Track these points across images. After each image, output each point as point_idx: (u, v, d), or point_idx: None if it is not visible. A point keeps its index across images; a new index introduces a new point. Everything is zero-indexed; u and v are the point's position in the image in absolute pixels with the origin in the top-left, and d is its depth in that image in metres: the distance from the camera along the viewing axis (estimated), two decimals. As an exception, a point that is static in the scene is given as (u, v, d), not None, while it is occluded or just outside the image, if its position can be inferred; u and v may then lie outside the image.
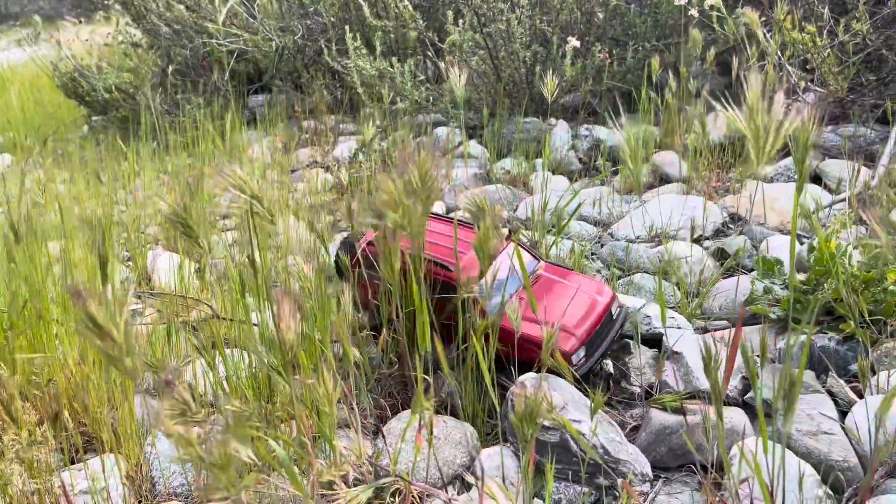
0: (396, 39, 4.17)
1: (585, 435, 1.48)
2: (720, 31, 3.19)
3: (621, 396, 1.80)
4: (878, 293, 1.86)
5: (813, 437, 1.48)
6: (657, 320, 1.98)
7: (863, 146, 2.87)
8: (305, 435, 1.43)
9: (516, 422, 1.16)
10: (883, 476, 1.43)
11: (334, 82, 4.09)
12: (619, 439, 1.52)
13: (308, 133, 4.04)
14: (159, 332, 1.89)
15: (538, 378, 1.60)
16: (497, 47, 3.57)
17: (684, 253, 2.35)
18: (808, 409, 1.55)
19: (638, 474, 1.48)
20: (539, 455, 1.50)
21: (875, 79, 2.99)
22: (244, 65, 4.61)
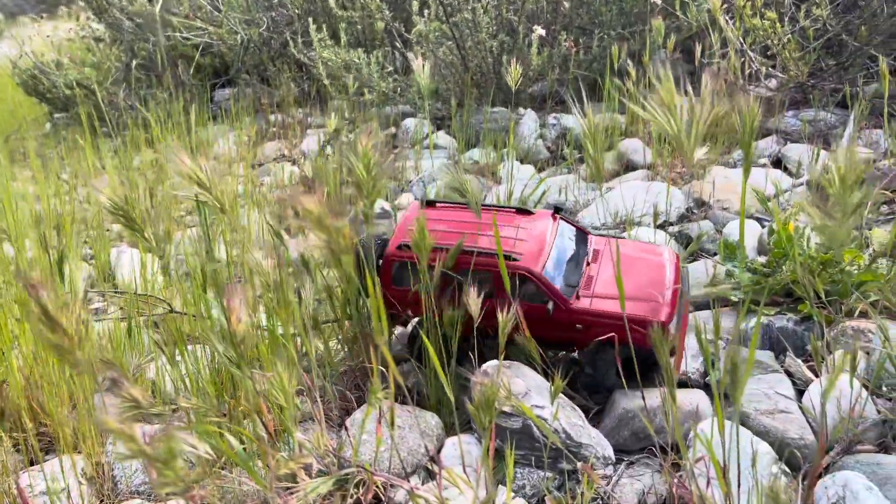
0: (363, 30, 4.14)
1: (547, 420, 1.48)
2: (683, 18, 3.21)
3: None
4: (835, 274, 1.89)
5: (770, 415, 1.50)
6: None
7: (823, 130, 2.91)
8: (268, 428, 1.42)
9: (473, 410, 1.16)
10: (839, 453, 1.46)
11: (301, 75, 4.06)
12: (581, 424, 1.53)
13: (276, 126, 4.00)
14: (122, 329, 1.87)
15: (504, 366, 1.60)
16: (464, 37, 3.56)
17: (648, 238, 2.37)
18: (765, 389, 1.57)
19: (600, 458, 1.50)
20: (502, 442, 1.51)
21: (835, 63, 3.04)
22: (210, 58, 4.55)
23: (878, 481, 1.34)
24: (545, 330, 1.64)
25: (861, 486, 1.29)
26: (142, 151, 3.50)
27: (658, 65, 1.07)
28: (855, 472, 1.36)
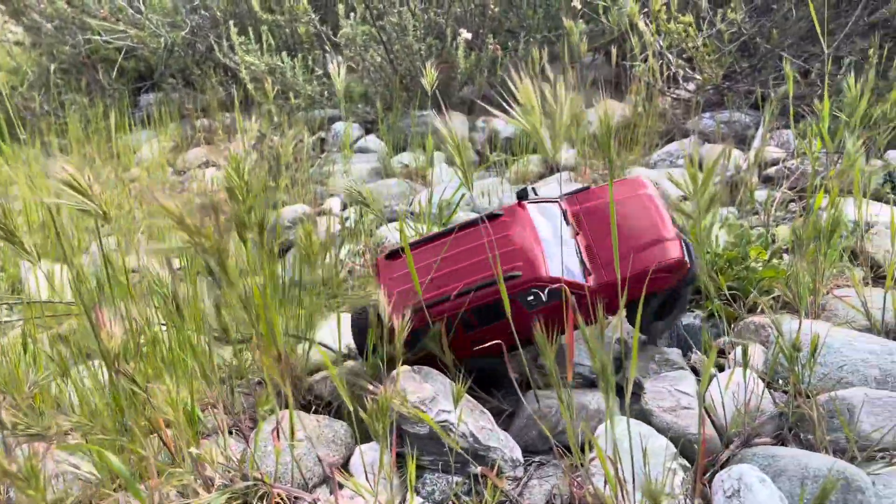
0: (292, 34, 4.09)
1: (453, 424, 1.48)
2: (605, 22, 3.27)
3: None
4: (741, 271, 1.94)
5: (672, 412, 1.53)
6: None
7: (738, 131, 3.00)
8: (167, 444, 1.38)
9: (367, 418, 1.15)
10: (738, 446, 1.50)
11: (228, 79, 3.98)
12: (489, 426, 1.53)
13: (202, 132, 3.91)
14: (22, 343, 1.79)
15: (413, 371, 1.59)
16: (391, 41, 3.55)
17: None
18: (670, 386, 1.60)
19: (508, 460, 1.50)
20: (411, 448, 1.50)
21: (748, 66, 3.13)
22: (134, 62, 4.43)
23: (773, 473, 1.38)
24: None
25: (755, 479, 1.32)
26: (57, 159, 3.37)
27: (582, 68, 1.08)
28: (751, 465, 1.40)
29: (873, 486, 1.36)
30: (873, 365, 1.56)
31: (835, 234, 1.85)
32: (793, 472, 1.36)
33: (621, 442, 1.43)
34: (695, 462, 1.48)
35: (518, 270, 1.59)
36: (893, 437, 1.43)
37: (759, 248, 1.97)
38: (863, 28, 3.00)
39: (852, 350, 1.58)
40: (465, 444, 1.48)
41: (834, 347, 1.60)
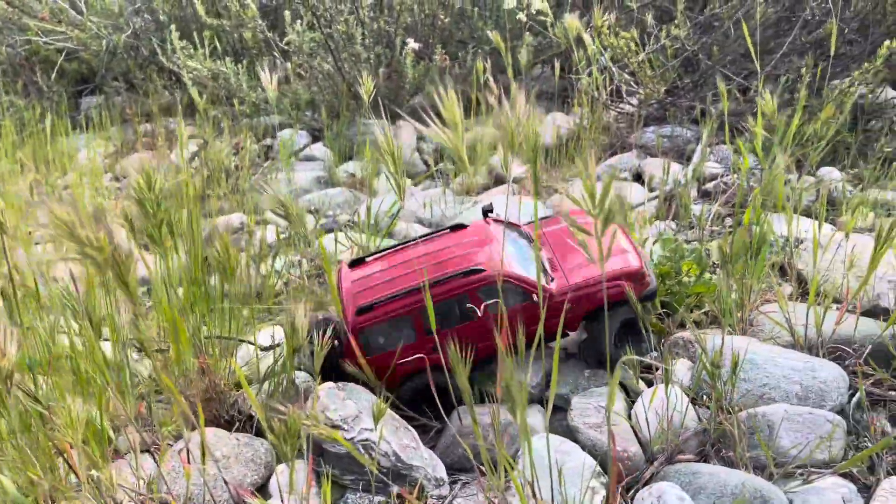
0: (240, 39, 4.02)
1: (374, 443, 1.45)
2: (552, 36, 3.29)
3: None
4: (673, 286, 1.96)
5: (598, 429, 1.53)
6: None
7: (680, 146, 3.04)
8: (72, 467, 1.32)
9: (274, 440, 1.12)
10: (662, 462, 1.50)
11: (172, 83, 3.89)
12: (413, 445, 1.51)
13: (145, 137, 3.82)
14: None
15: (338, 388, 1.56)
16: (339, 48, 3.52)
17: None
18: (597, 402, 1.60)
19: (431, 479, 1.48)
20: (331, 467, 1.46)
21: (690, 82, 3.18)
22: (76, 64, 4.31)
23: (693, 491, 1.38)
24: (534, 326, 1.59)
25: (674, 497, 1.32)
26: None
27: (528, 81, 1.07)
28: (672, 482, 1.40)
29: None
30: (795, 381, 1.58)
31: (762, 249, 1.87)
32: (712, 489, 1.36)
33: (542, 460, 1.42)
34: (618, 480, 1.47)
35: (483, 266, 1.60)
36: (812, 453, 1.45)
37: (691, 263, 1.98)
38: (800, 48, 3.07)
39: (775, 366, 1.60)
40: (388, 463, 1.45)
41: (757, 363, 1.61)
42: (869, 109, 2.79)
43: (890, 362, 1.64)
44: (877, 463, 1.46)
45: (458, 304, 1.60)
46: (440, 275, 1.60)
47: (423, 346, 1.62)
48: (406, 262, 1.69)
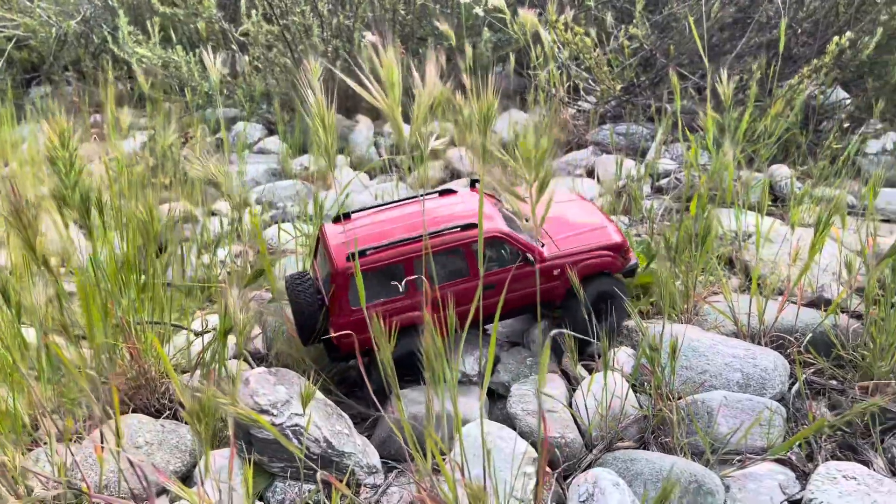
0: (198, 30, 3.94)
1: (302, 428, 1.40)
2: (510, 32, 3.28)
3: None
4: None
5: (536, 415, 1.49)
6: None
7: (636, 143, 3.04)
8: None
9: (188, 418, 1.06)
10: (601, 450, 1.47)
11: (124, 73, 3.79)
12: (346, 431, 1.46)
13: (95, 127, 3.71)
14: None
15: (269, 373, 1.50)
16: (295, 40, 3.46)
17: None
18: (530, 388, 1.56)
19: (364, 466, 1.43)
20: (260, 454, 1.41)
21: (647, 80, 3.19)
22: (25, 53, 4.18)
23: (631, 477, 1.35)
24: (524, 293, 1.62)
25: (609, 483, 1.29)
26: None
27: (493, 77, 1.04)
28: (608, 469, 1.37)
29: (727, 490, 1.35)
30: (736, 369, 1.56)
31: (707, 240, 1.86)
32: (648, 475, 1.34)
33: (476, 447, 1.38)
34: (557, 466, 1.44)
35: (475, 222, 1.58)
36: (749, 439, 1.43)
37: (639, 254, 1.97)
38: (755, 48, 3.10)
39: (716, 354, 1.59)
40: (318, 450, 1.40)
41: (700, 351, 1.60)
42: (820, 110, 2.82)
43: (830, 351, 1.64)
44: (815, 450, 1.45)
45: (452, 259, 1.57)
46: (435, 228, 1.55)
47: (412, 301, 1.55)
48: (395, 218, 1.65)
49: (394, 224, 1.62)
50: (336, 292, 1.53)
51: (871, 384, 1.52)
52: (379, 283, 1.54)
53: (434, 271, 1.55)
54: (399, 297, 1.55)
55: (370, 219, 1.68)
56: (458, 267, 1.58)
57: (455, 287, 1.56)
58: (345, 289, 1.53)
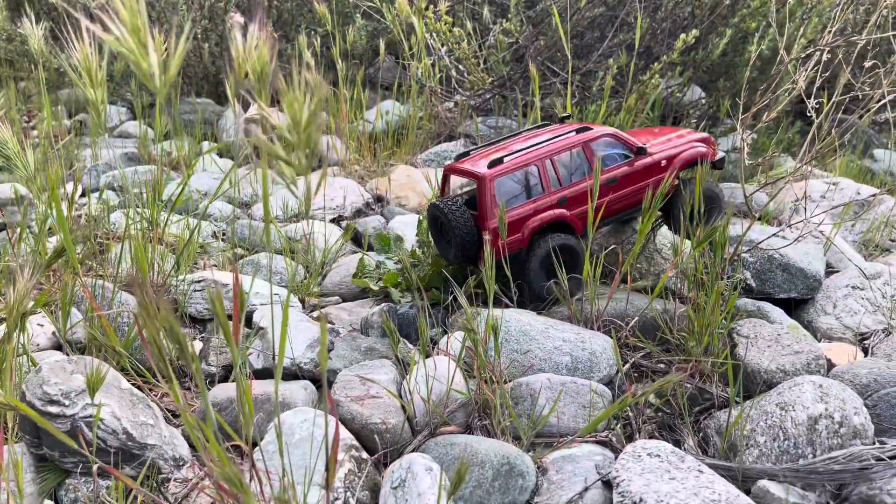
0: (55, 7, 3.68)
1: (106, 420, 1.29)
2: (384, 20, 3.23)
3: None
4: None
5: (359, 402, 1.44)
6: (257, 297, 1.88)
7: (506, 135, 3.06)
8: None
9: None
10: (426, 435, 1.44)
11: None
12: (152, 422, 1.36)
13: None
14: None
15: (67, 361, 1.38)
16: (160, 19, 3.29)
17: (320, 232, 2.29)
18: (365, 374, 1.52)
19: (169, 458, 1.34)
20: (50, 449, 1.29)
21: (517, 74, 3.22)
22: None
23: (449, 462, 1.32)
24: (641, 186, 1.79)
25: (421, 468, 1.26)
26: None
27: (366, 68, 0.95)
28: (429, 454, 1.34)
29: (544, 472, 1.34)
30: (566, 352, 1.57)
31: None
32: (465, 458, 1.31)
33: (291, 435, 1.32)
34: (374, 453, 1.40)
35: (590, 126, 1.81)
36: (572, 420, 1.44)
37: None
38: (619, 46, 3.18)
39: (547, 338, 1.59)
40: (116, 442, 1.29)
41: (531, 335, 1.59)
42: (677, 108, 2.92)
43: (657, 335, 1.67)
44: (634, 430, 1.47)
45: (576, 157, 1.76)
46: (556, 133, 1.77)
47: (550, 200, 1.73)
48: (510, 144, 1.83)
49: (520, 143, 1.79)
50: (483, 199, 1.68)
51: (688, 366, 1.56)
52: (518, 186, 1.72)
53: (564, 166, 1.75)
54: (539, 197, 1.73)
55: (487, 150, 1.85)
56: (582, 168, 1.77)
57: (581, 185, 1.75)
58: (491, 193, 1.68)
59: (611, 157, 1.79)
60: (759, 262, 1.84)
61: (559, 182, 1.74)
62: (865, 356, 1.67)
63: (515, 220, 1.70)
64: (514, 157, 1.71)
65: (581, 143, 1.76)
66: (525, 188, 1.72)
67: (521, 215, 1.71)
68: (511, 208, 1.70)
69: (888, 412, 1.36)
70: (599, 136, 1.78)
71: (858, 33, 2.95)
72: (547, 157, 1.73)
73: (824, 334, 1.78)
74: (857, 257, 2.10)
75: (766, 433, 1.31)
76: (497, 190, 1.68)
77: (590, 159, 1.76)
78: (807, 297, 1.85)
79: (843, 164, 2.68)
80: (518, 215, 1.70)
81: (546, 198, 1.73)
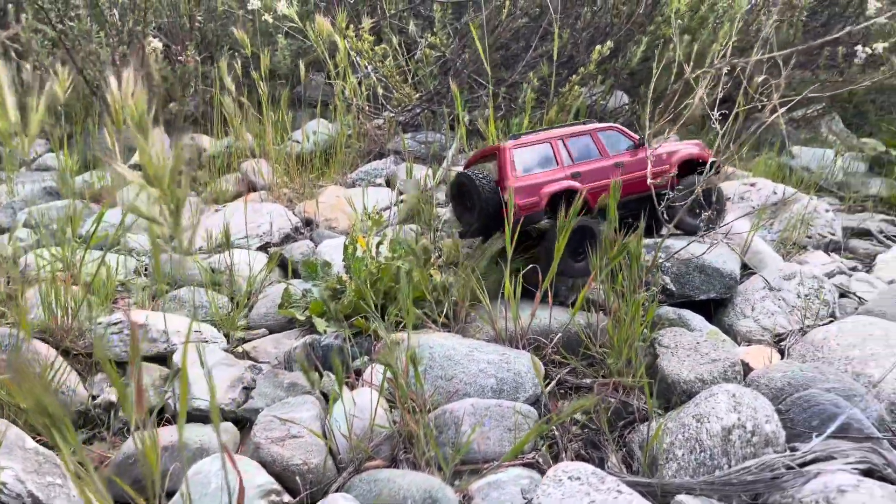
0: (-34, 35, 3.53)
1: (9, 485, 1.23)
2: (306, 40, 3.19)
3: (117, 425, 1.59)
4: (395, 287, 1.90)
5: (280, 443, 1.41)
6: (177, 336, 1.82)
7: (437, 151, 3.05)
8: None
9: None
10: (351, 473, 1.41)
11: None
12: (60, 482, 1.30)
13: None
14: None
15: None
16: (76, 47, 3.19)
17: (244, 261, 2.24)
18: (285, 413, 1.49)
19: (80, 519, 1.28)
20: (-51, 519, 1.22)
21: (445, 88, 3.22)
22: None
23: (372, 499, 1.30)
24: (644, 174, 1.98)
25: (343, 508, 1.23)
26: None
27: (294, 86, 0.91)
28: (354, 492, 1.32)
29: (469, 500, 1.33)
30: (490, 374, 1.56)
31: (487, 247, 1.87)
32: (387, 494, 1.29)
33: (207, 485, 1.28)
34: (298, 493, 1.37)
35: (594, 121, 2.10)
36: (497, 445, 1.43)
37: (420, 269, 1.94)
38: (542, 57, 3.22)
39: (471, 361, 1.58)
40: (20, 507, 1.24)
41: (455, 360, 1.59)
42: (602, 114, 2.96)
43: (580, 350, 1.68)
44: (561, 449, 1.48)
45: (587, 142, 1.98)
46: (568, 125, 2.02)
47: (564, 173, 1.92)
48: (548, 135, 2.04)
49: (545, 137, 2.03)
50: (503, 164, 1.89)
51: (611, 381, 1.57)
52: (535, 159, 1.92)
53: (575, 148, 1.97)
54: (555, 170, 1.92)
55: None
56: (591, 152, 1.98)
57: (591, 164, 1.95)
58: (511, 159, 1.89)
59: (619, 144, 2.02)
60: (677, 266, 1.87)
61: (571, 160, 1.95)
62: (782, 358, 1.71)
63: (533, 184, 1.88)
64: (529, 136, 1.96)
65: (589, 131, 1.99)
66: (541, 162, 1.93)
67: (538, 182, 1.88)
68: (528, 174, 1.90)
69: (801, 416, 1.39)
70: (606, 127, 2.01)
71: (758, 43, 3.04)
72: (559, 139, 1.96)
73: (744, 337, 1.82)
74: (775, 257, 2.15)
75: (683, 446, 1.33)
76: (516, 158, 1.90)
77: (598, 144, 1.99)
78: (725, 296, 1.89)
79: (761, 163, 2.76)
80: (535, 181, 1.88)
81: (561, 171, 1.92)
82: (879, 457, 1.25)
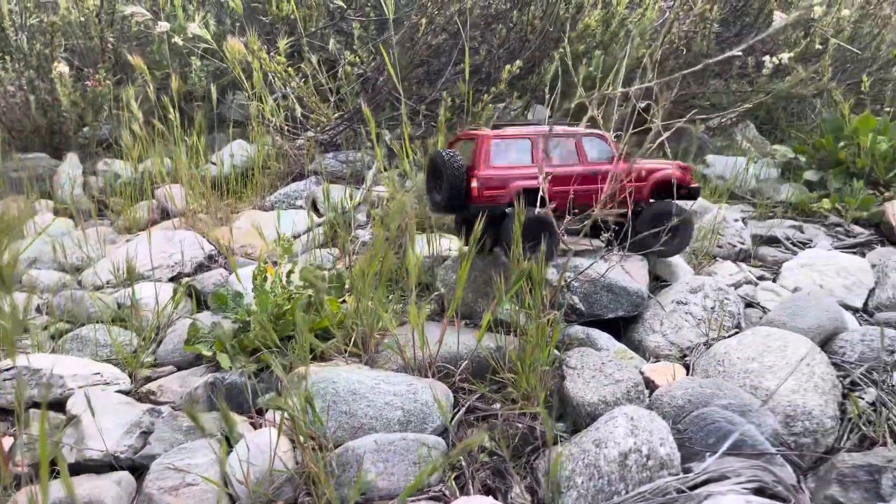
0: None
1: None
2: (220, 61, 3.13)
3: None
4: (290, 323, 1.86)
5: (174, 493, 1.36)
6: (75, 380, 1.74)
7: (360, 170, 3.02)
8: None
9: None
10: (254, 517, 1.37)
11: None
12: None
13: None
14: None
15: None
16: (-23, 73, 3.05)
17: (150, 295, 2.17)
18: (180, 460, 1.43)
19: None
20: None
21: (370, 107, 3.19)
22: None
23: (270, 545, 1.26)
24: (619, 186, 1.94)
25: (235, 560, 1.19)
26: None
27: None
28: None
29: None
30: (397, 407, 1.54)
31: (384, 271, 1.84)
32: (283, 542, 1.25)
33: (90, 543, 1.22)
34: (190, 548, 1.31)
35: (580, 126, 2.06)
36: (403, 480, 1.40)
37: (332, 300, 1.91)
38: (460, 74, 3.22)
39: (377, 394, 1.55)
40: None
41: (360, 393, 1.55)
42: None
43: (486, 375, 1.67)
44: (468, 479, 1.46)
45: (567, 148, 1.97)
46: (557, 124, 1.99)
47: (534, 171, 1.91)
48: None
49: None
50: (480, 152, 1.90)
51: (517, 406, 1.56)
52: (512, 152, 1.93)
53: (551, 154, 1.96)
54: (526, 165, 1.93)
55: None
56: (572, 155, 1.98)
57: (567, 168, 1.95)
58: (488, 150, 1.90)
59: (601, 153, 2.01)
60: (585, 286, 1.88)
61: (549, 160, 1.94)
62: (688, 373, 1.73)
63: (503, 177, 1.90)
64: (510, 128, 1.96)
65: (573, 134, 1.99)
66: (518, 157, 1.94)
67: (508, 176, 1.90)
68: (501, 165, 1.91)
69: (698, 434, 1.41)
70: (590, 133, 2.01)
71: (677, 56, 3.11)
72: (540, 137, 1.95)
73: (653, 353, 1.84)
74: (686, 269, 2.19)
75: (583, 473, 1.33)
76: (493, 148, 1.91)
77: (579, 149, 1.98)
78: (633, 313, 1.91)
79: (676, 175, 2.80)
80: (505, 174, 1.90)
81: (534, 169, 1.92)
82: (770, 474, 1.27)
